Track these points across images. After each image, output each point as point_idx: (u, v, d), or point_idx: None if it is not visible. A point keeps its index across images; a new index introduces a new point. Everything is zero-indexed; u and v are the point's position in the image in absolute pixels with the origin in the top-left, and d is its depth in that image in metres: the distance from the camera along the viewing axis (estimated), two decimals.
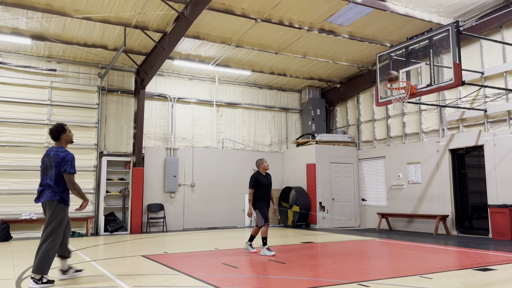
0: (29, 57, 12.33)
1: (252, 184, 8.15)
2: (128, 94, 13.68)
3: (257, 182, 8.16)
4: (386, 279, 5.65)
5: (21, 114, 12.06)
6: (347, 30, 12.02)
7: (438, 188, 12.19)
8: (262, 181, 8.20)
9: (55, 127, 5.84)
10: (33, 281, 5.37)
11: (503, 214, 10.26)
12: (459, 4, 10.71)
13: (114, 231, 12.59)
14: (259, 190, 8.17)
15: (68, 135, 5.89)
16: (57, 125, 5.87)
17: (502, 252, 8.08)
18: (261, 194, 8.17)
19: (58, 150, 5.70)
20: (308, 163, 14.68)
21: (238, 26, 11.43)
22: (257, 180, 8.17)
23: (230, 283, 5.48)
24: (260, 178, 8.21)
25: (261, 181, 8.19)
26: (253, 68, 14.31)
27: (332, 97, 16.39)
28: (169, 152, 14.02)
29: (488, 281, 5.44)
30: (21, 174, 11.84)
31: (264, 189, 8.20)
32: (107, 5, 10.12)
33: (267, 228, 8.14)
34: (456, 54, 8.92)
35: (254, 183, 8.15)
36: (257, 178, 8.18)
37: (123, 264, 7.06)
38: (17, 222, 11.49)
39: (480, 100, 11.36)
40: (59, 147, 5.75)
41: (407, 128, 13.54)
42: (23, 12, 10.18)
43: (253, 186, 8.15)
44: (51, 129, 5.86)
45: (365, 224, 14.71)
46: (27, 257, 7.93)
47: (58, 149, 5.73)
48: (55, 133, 5.81)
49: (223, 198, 14.61)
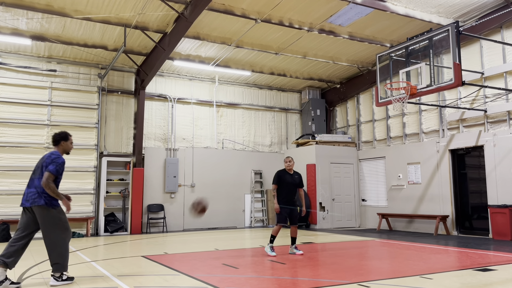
0: (29, 57, 12.33)
1: (275, 181, 8.17)
2: (128, 95, 13.68)
3: (279, 179, 8.16)
4: (387, 279, 5.65)
5: (21, 114, 12.06)
6: (347, 30, 12.02)
7: (438, 189, 12.19)
8: (285, 179, 8.16)
9: (58, 132, 5.90)
10: (54, 279, 5.46)
11: (503, 214, 10.26)
12: (459, 5, 10.72)
13: (114, 232, 12.59)
14: (282, 188, 8.13)
15: (68, 144, 5.90)
16: (61, 131, 5.95)
17: (502, 253, 8.08)
18: (284, 192, 8.11)
19: (53, 153, 5.71)
20: (308, 164, 14.68)
21: (238, 26, 11.43)
22: (279, 178, 8.17)
23: (230, 284, 5.48)
24: (283, 176, 8.18)
25: (283, 179, 8.16)
26: (253, 68, 14.31)
27: (332, 98, 16.39)
28: (169, 152, 14.02)
29: (488, 282, 5.44)
30: (21, 174, 11.84)
31: (286, 187, 8.12)
32: (107, 6, 10.12)
33: (279, 228, 8.03)
34: (456, 54, 8.92)
35: (276, 180, 8.18)
36: (280, 176, 8.18)
37: (123, 265, 7.06)
38: (17, 223, 11.46)
39: (480, 101, 11.36)
40: (54, 151, 5.76)
41: (407, 128, 13.54)
42: (23, 12, 10.19)
43: (275, 183, 8.16)
44: (54, 133, 5.92)
45: (365, 225, 14.71)
46: (27, 258, 7.92)
47: (53, 152, 5.74)
48: (56, 137, 5.84)
49: (223, 199, 14.61)
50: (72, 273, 6.22)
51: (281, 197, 8.08)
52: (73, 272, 6.34)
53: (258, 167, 15.46)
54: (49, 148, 12.22)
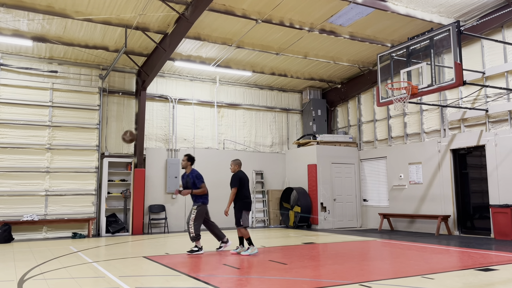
0: (30, 58, 12.35)
1: (237, 183, 8.38)
2: (129, 96, 13.69)
3: (241, 181, 8.43)
4: (388, 279, 5.64)
5: (23, 115, 12.08)
6: (348, 30, 12.02)
7: (439, 188, 12.17)
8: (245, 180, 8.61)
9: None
10: None
11: (505, 214, 10.24)
12: (460, 4, 10.71)
13: (115, 232, 12.60)
14: (244, 189, 8.46)
15: None
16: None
17: (504, 252, 8.06)
18: (244, 193, 8.45)
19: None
20: (309, 164, 14.67)
21: (238, 27, 11.43)
22: (241, 180, 8.45)
23: (231, 284, 5.48)
24: (244, 177, 8.56)
25: (244, 180, 8.57)
26: (254, 69, 14.31)
27: (333, 98, 16.38)
28: (170, 153, 14.03)
29: (490, 281, 5.43)
30: (23, 175, 11.86)
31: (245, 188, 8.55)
32: (108, 7, 10.13)
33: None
34: (457, 54, 8.90)
35: (238, 182, 8.40)
36: (241, 178, 8.46)
37: (125, 265, 7.07)
38: (19, 224, 11.50)
39: (481, 100, 11.34)
40: None
41: (408, 128, 13.53)
42: (24, 14, 10.21)
43: (237, 185, 8.38)
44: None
45: (367, 225, 14.69)
46: (29, 259, 7.93)
47: None
48: None
49: (224, 199, 14.60)
50: (73, 274, 6.23)
51: (241, 198, 8.33)
52: (75, 273, 6.35)
53: (259, 168, 15.46)
54: (50, 149, 12.25)
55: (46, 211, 12.00)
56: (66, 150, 12.48)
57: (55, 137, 12.38)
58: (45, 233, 11.94)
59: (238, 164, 8.62)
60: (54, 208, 12.10)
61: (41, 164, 12.11)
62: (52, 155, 12.29)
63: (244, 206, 8.32)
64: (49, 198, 12.09)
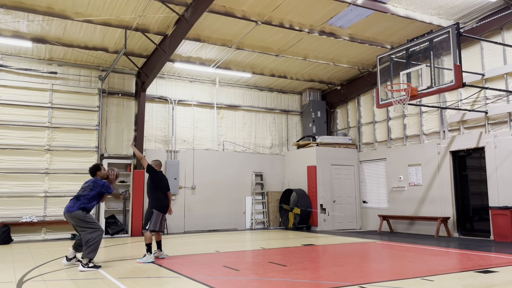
0: (30, 60, 12.34)
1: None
2: (129, 97, 13.69)
3: None
4: (388, 281, 5.63)
5: (22, 116, 12.07)
6: (348, 32, 12.03)
7: (439, 190, 12.17)
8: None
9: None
10: (81, 265, 6.71)
11: (505, 216, 10.24)
12: (459, 6, 10.72)
13: (115, 234, 12.58)
14: (163, 189, 8.22)
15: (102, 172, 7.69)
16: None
17: (503, 254, 8.06)
18: (163, 194, 8.18)
19: None
20: (309, 165, 14.67)
21: (238, 28, 11.44)
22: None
23: (231, 286, 5.47)
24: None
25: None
26: (253, 70, 14.32)
27: (333, 99, 16.39)
28: (170, 154, 14.02)
29: (490, 283, 5.43)
30: (22, 177, 11.84)
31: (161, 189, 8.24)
32: (107, 8, 10.14)
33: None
34: (456, 56, 8.92)
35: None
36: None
37: (124, 267, 7.05)
38: (18, 225, 11.48)
39: (481, 102, 11.35)
40: None
41: (408, 130, 13.53)
42: (24, 15, 10.21)
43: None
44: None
45: (366, 227, 14.69)
46: (28, 260, 7.92)
47: None
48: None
49: (224, 200, 14.60)
50: (72, 275, 6.22)
51: (160, 198, 8.06)
52: (74, 275, 6.33)
53: (259, 169, 15.46)
54: (49, 151, 12.23)
55: (45, 212, 11.98)
56: (65, 151, 12.47)
57: (54, 138, 12.37)
58: (44, 234, 11.92)
59: (159, 165, 8.36)
60: (53, 209, 12.07)
61: (40, 165, 12.09)
62: (52, 156, 12.27)
63: (159, 207, 7.88)
64: (48, 199, 12.07)
